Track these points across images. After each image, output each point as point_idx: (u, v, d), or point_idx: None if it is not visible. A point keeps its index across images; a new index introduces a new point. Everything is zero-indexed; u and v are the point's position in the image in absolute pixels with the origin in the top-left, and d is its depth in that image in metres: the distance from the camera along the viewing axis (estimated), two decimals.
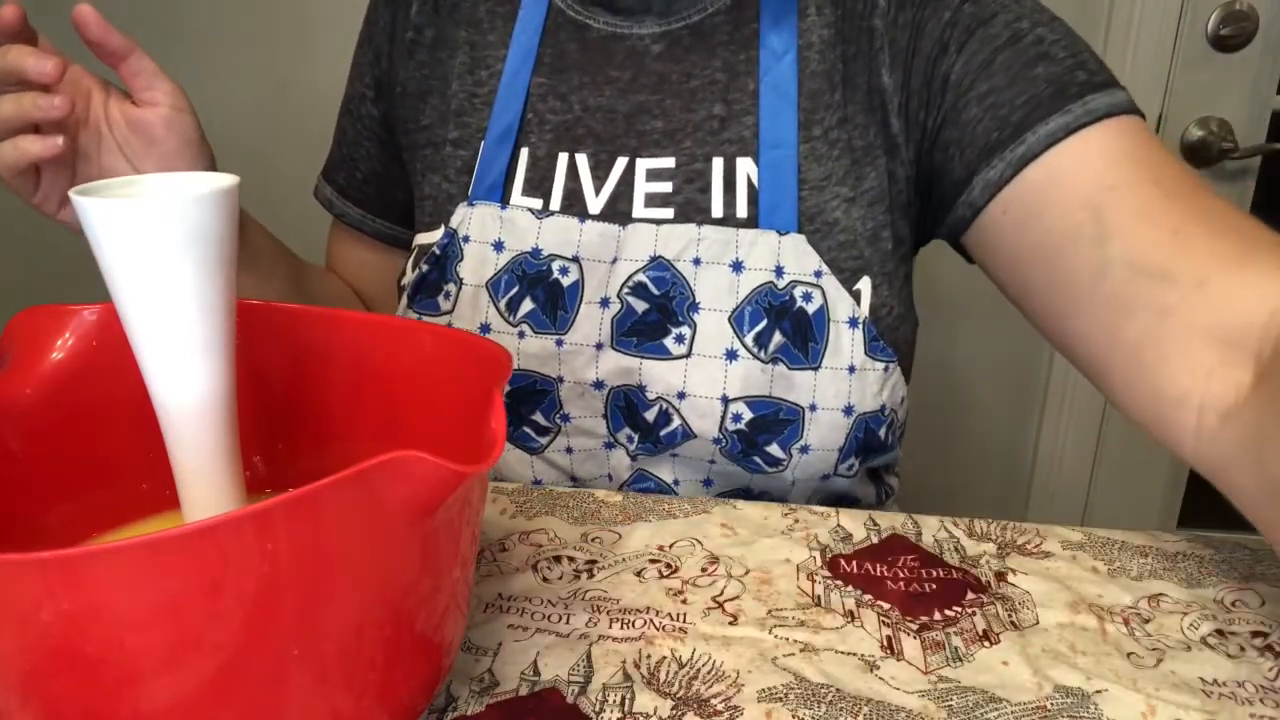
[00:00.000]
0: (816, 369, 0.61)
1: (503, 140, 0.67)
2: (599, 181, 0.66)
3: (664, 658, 0.47)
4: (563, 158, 0.67)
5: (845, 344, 0.62)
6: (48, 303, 0.49)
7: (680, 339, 0.62)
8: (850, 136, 0.64)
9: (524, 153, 0.67)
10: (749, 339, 0.61)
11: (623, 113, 0.66)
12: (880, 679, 0.46)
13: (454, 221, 0.67)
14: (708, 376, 0.61)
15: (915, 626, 0.50)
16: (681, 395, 0.62)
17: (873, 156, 0.64)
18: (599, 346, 0.64)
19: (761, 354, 0.61)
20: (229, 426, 0.44)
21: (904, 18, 0.62)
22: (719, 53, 0.66)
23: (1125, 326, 0.52)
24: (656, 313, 0.62)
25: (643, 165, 0.65)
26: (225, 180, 0.40)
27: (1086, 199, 0.54)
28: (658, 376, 0.62)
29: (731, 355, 0.61)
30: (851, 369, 0.62)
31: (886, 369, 0.63)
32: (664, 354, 0.62)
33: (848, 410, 0.62)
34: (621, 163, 0.66)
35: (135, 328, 0.40)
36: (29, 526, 0.45)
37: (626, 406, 0.64)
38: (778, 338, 0.61)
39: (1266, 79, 1.20)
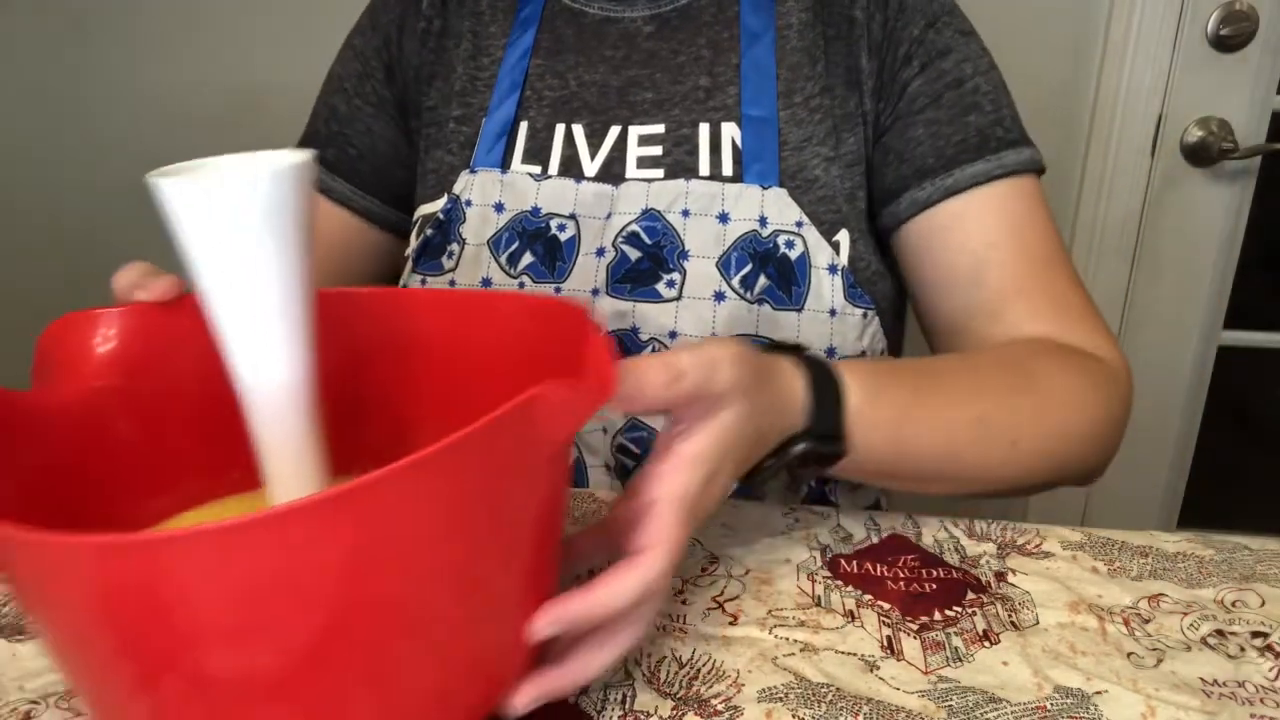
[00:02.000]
0: (799, 311, 0.65)
1: (503, 116, 0.71)
2: (594, 148, 0.70)
3: (664, 657, 0.47)
4: (560, 128, 0.71)
5: (826, 289, 0.65)
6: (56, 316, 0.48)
7: (671, 284, 0.65)
8: (833, 104, 0.68)
9: (523, 125, 0.71)
10: (735, 281, 0.64)
11: (615, 86, 0.70)
12: (880, 679, 0.46)
13: (456, 188, 0.70)
14: (697, 317, 0.64)
15: (915, 626, 0.50)
16: (673, 335, 0.65)
17: (852, 124, 0.68)
18: (595, 292, 0.67)
19: (748, 295, 0.64)
20: (312, 405, 0.43)
21: (880, 17, 0.68)
22: (704, 32, 0.71)
23: (964, 344, 0.67)
24: (648, 260, 0.66)
25: (635, 132, 0.69)
26: (301, 156, 0.39)
27: (974, 249, 0.65)
28: (650, 319, 0.65)
29: (720, 297, 0.64)
30: (832, 312, 0.65)
31: (865, 315, 0.67)
32: (656, 298, 0.65)
33: (830, 352, 0.66)
34: (615, 130, 0.70)
35: (217, 309, 0.40)
36: (126, 518, 0.45)
37: (620, 350, 0.66)
38: (763, 281, 0.64)
39: (1266, 79, 1.20)
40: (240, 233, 0.38)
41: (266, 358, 0.41)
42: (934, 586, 0.53)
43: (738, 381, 0.43)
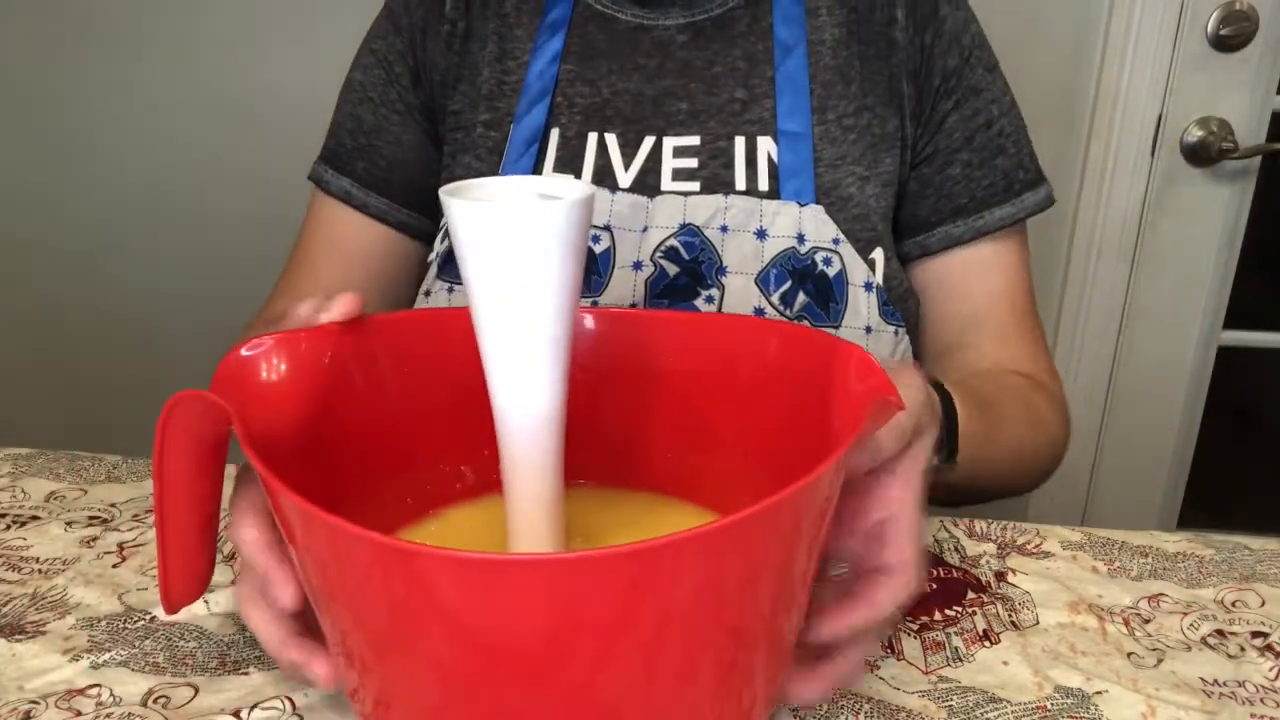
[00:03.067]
0: (837, 327, 0.65)
1: (532, 123, 0.69)
2: (628, 158, 0.69)
3: None
4: (592, 137, 0.69)
5: (862, 306, 0.65)
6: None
7: (710, 299, 0.65)
8: (870, 123, 0.68)
9: (554, 133, 0.70)
10: (775, 298, 0.64)
11: (650, 96, 0.69)
12: (881, 679, 0.46)
13: None
14: None
15: (915, 626, 0.50)
16: None
17: (890, 145, 0.68)
18: (633, 307, 0.66)
19: (787, 311, 0.64)
20: (563, 430, 0.43)
21: (919, 40, 0.69)
22: (739, 43, 0.70)
23: (937, 370, 0.72)
24: (686, 276, 0.65)
25: (669, 143, 0.68)
26: (586, 189, 0.39)
27: (977, 298, 0.72)
28: None
29: (759, 313, 0.64)
30: (868, 329, 0.65)
31: (897, 333, 0.67)
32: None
33: None
34: (649, 141, 0.69)
35: (490, 334, 0.39)
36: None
37: None
38: (802, 297, 0.64)
39: (1266, 79, 1.20)
40: (528, 261, 0.37)
41: (530, 385, 0.40)
42: (934, 586, 0.53)
43: (936, 413, 0.47)
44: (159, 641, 0.49)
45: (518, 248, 0.37)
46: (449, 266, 0.69)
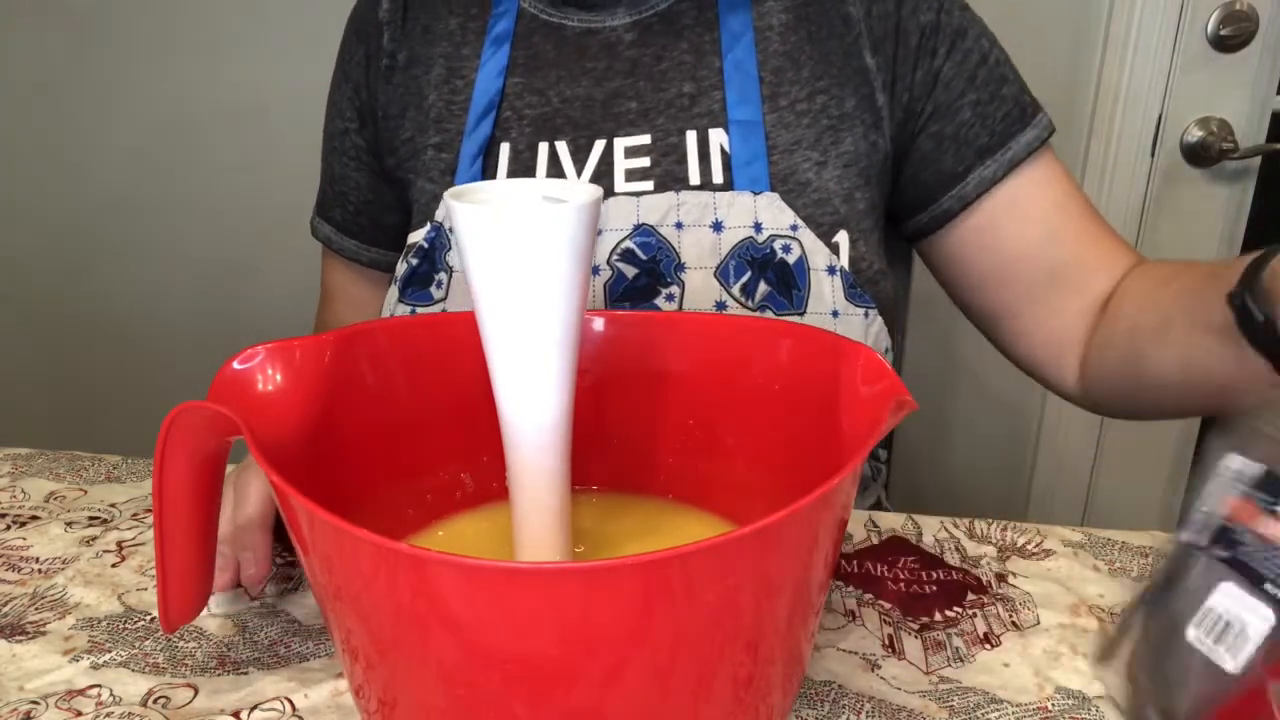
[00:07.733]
0: (802, 314, 0.64)
1: (479, 137, 0.69)
2: (579, 165, 0.68)
3: None
4: (543, 147, 0.69)
5: (826, 290, 0.64)
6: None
7: (670, 297, 0.64)
8: (825, 105, 0.67)
9: (504, 148, 0.69)
10: (735, 289, 0.64)
11: (599, 99, 0.69)
12: (882, 679, 0.46)
13: (439, 215, 0.69)
14: None
15: (916, 627, 0.50)
16: None
17: (850, 125, 0.67)
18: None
19: (749, 303, 0.64)
20: (569, 437, 0.43)
21: (879, 9, 0.67)
22: (685, 35, 0.69)
23: (1057, 301, 0.70)
24: (646, 276, 0.65)
25: (620, 144, 0.68)
26: (593, 192, 0.39)
27: (1043, 215, 0.69)
28: None
29: (720, 306, 0.64)
30: (835, 314, 0.64)
31: (867, 315, 0.66)
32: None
33: None
34: (600, 145, 0.68)
35: (494, 340, 0.39)
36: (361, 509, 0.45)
37: None
38: (763, 287, 0.64)
39: (1266, 79, 1.20)
40: (535, 266, 0.37)
41: (537, 390, 0.40)
42: (934, 587, 0.53)
43: None
44: (159, 642, 0.49)
45: (524, 252, 0.37)
46: (411, 289, 0.69)
